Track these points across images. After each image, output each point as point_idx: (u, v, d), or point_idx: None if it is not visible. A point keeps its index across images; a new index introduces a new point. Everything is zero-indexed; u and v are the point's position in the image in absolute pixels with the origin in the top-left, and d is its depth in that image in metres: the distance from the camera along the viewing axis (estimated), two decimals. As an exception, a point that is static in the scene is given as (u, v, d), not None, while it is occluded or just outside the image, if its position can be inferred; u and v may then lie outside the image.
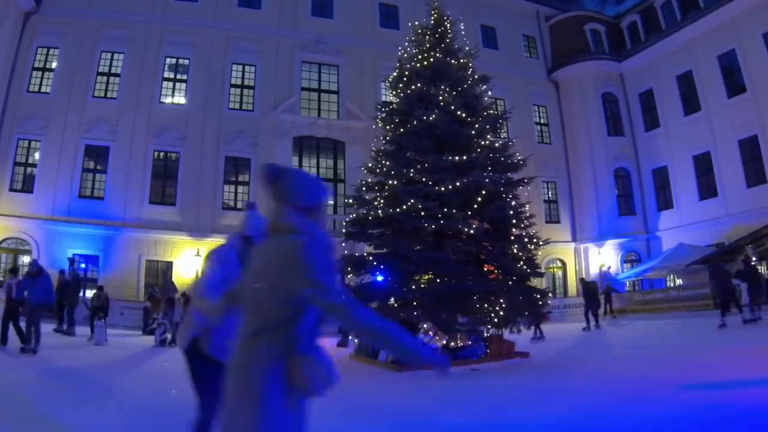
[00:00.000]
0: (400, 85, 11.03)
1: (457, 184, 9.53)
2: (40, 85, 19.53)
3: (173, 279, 18.03)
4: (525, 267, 10.04)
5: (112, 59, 20.36)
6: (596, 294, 16.28)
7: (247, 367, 1.80)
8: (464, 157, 9.95)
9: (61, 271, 13.91)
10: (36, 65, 19.66)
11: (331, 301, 1.77)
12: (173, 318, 12.38)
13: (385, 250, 10.20)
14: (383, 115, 11.42)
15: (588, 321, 15.34)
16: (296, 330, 1.82)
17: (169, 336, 12.04)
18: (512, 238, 10.08)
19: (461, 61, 11.18)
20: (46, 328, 9.78)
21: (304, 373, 1.77)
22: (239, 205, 20.67)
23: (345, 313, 1.77)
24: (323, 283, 1.78)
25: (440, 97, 10.28)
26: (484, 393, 6.54)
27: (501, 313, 9.26)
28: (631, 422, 4.59)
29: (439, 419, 5.10)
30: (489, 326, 9.67)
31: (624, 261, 23.55)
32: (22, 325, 9.20)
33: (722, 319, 11.88)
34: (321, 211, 2.03)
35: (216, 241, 19.46)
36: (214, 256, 2.88)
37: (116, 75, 20.24)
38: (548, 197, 25.11)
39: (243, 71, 21.69)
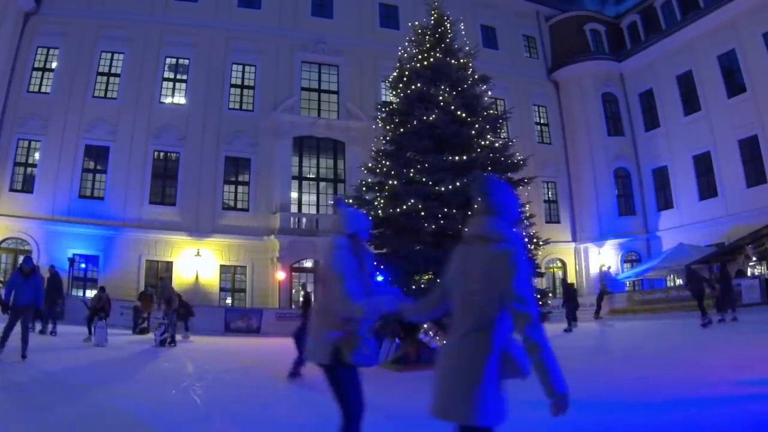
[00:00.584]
0: (400, 85, 11.01)
1: (457, 184, 9.51)
2: (40, 85, 19.55)
3: (172, 279, 18.13)
4: (525, 267, 10.02)
5: (112, 59, 20.37)
6: (575, 295, 16.64)
7: (467, 358, 2.10)
8: (464, 157, 9.94)
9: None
10: (36, 65, 19.68)
11: (523, 310, 2.05)
12: (173, 319, 12.38)
13: (385, 250, 10.19)
14: (383, 115, 11.40)
15: (569, 322, 15.36)
16: (504, 326, 2.14)
17: (168, 336, 12.02)
18: (512, 238, 10.07)
19: (461, 61, 11.16)
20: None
21: (517, 361, 2.11)
22: (239, 205, 20.69)
23: (528, 324, 2.04)
24: (522, 293, 2.06)
25: (440, 97, 10.26)
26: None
27: (501, 313, 9.25)
28: (630, 421, 4.59)
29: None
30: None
31: (624, 261, 23.56)
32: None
33: (705, 318, 12.13)
34: (520, 223, 2.26)
35: (216, 240, 19.60)
36: (334, 265, 2.82)
37: (116, 75, 20.26)
38: (548, 197, 25.12)
39: (243, 71, 21.70)
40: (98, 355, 9.98)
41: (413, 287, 9.55)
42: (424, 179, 9.81)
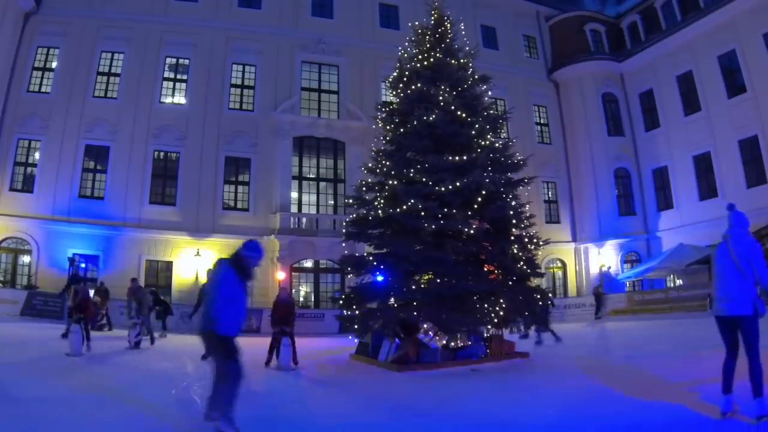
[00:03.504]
0: (400, 85, 11.02)
1: (457, 184, 9.52)
2: (40, 85, 19.55)
3: (170, 279, 18.11)
4: (525, 267, 10.04)
5: (112, 59, 20.37)
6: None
7: None
8: (464, 157, 9.95)
9: None
10: (36, 65, 19.67)
11: None
12: (148, 320, 12.09)
13: (385, 250, 10.19)
14: (383, 115, 11.41)
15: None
16: None
17: (145, 337, 11.63)
18: (512, 238, 10.08)
19: (461, 61, 11.18)
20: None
21: None
22: (239, 205, 20.69)
23: None
24: None
25: (440, 97, 10.27)
26: (484, 393, 6.54)
27: (501, 313, 9.26)
28: (629, 421, 4.59)
29: (438, 419, 5.10)
30: (489, 326, 9.68)
31: (624, 261, 23.55)
32: None
33: (538, 336, 12.33)
34: None
35: (216, 240, 19.59)
36: (747, 246, 4.59)
37: (116, 75, 20.26)
38: (548, 197, 25.12)
39: (243, 71, 21.69)
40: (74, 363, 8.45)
41: (413, 287, 9.57)
42: (424, 179, 9.82)
